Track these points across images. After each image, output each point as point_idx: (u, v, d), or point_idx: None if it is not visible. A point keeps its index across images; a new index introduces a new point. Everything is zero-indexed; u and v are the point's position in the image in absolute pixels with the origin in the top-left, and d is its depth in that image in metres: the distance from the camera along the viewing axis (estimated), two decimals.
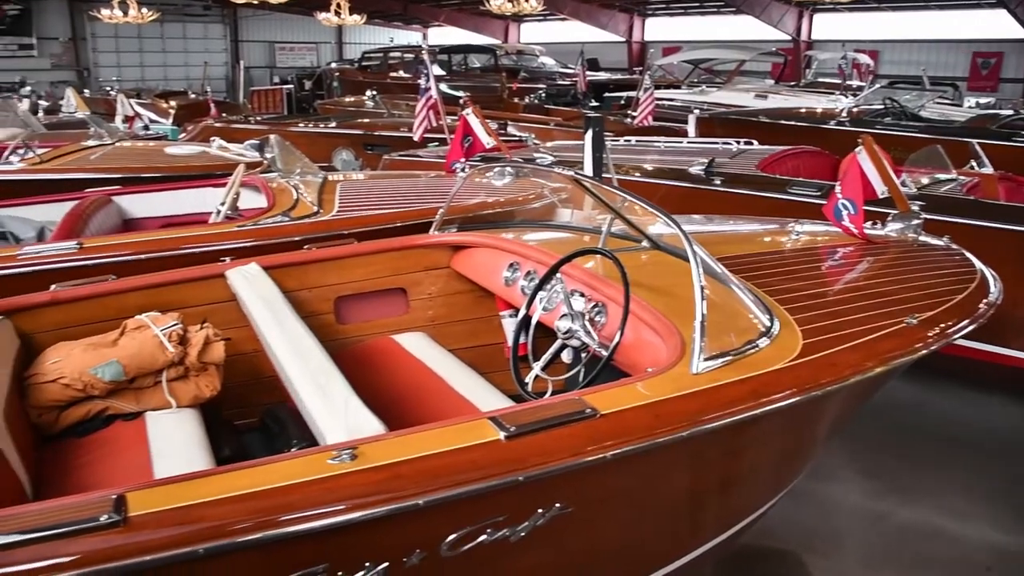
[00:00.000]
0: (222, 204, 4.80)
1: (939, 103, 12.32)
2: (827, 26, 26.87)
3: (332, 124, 11.36)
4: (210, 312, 3.37)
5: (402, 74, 22.08)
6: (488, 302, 4.00)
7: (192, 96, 18.42)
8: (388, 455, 1.86)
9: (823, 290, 3.22)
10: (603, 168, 4.59)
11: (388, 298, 3.93)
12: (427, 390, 3.30)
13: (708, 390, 2.26)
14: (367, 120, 11.72)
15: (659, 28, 31.10)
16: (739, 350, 2.44)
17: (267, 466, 1.82)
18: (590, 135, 4.45)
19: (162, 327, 2.98)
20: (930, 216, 4.39)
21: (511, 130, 9.61)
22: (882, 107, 10.69)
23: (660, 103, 12.15)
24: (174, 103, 15.67)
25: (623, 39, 30.95)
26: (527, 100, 17.35)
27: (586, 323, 2.85)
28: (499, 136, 6.70)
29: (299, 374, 2.53)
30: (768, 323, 2.62)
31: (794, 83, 18.06)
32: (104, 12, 24.72)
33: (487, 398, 3.13)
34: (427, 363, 3.51)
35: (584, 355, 2.88)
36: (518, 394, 2.99)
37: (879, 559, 3.74)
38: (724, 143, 7.86)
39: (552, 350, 2.93)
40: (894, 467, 4.45)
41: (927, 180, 5.91)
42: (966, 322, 3.01)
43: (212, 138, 7.81)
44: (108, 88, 20.43)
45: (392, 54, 25.05)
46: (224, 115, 12.70)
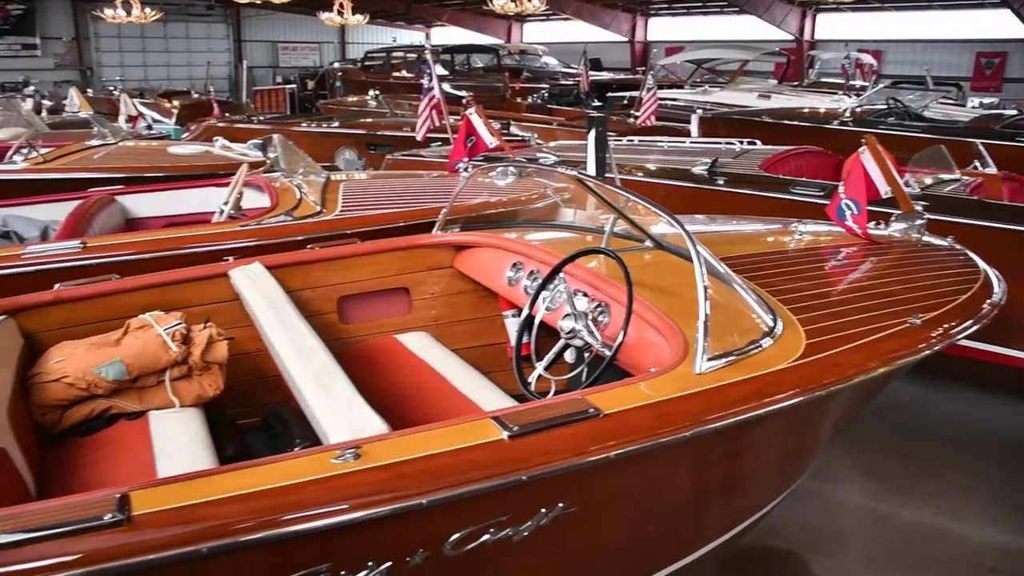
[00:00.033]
0: (225, 204, 4.81)
1: (943, 103, 12.29)
2: (830, 26, 26.83)
3: (335, 124, 11.37)
4: (213, 311, 3.37)
5: (405, 74, 22.08)
6: (491, 302, 4.00)
7: (195, 96, 18.46)
8: (391, 455, 1.86)
9: (826, 290, 3.22)
10: (606, 168, 4.58)
11: (391, 298, 3.93)
12: (430, 390, 3.30)
13: (711, 390, 2.26)
14: (370, 120, 11.74)
15: (662, 28, 31.08)
16: (742, 350, 2.44)
17: (270, 465, 1.82)
18: (593, 135, 4.44)
19: (165, 326, 2.98)
20: (934, 216, 4.38)
21: (514, 130, 9.59)
22: (885, 107, 10.65)
23: (663, 103, 12.13)
24: (177, 103, 15.69)
25: (626, 39, 30.95)
26: (530, 100, 17.34)
27: (589, 323, 2.85)
28: (502, 136, 6.69)
29: (302, 373, 2.53)
30: (771, 323, 2.61)
31: (797, 83, 18.05)
32: (107, 12, 24.76)
33: (490, 398, 3.13)
34: (430, 363, 3.51)
35: (587, 355, 2.88)
36: (521, 394, 2.99)
37: (882, 559, 3.73)
38: (727, 143, 7.85)
39: (555, 350, 2.93)
40: (897, 467, 4.44)
41: (930, 180, 5.89)
42: (970, 322, 3.00)
43: (215, 138, 7.83)
44: (111, 88, 20.43)
45: (395, 54, 25.07)
46: (227, 115, 12.72)
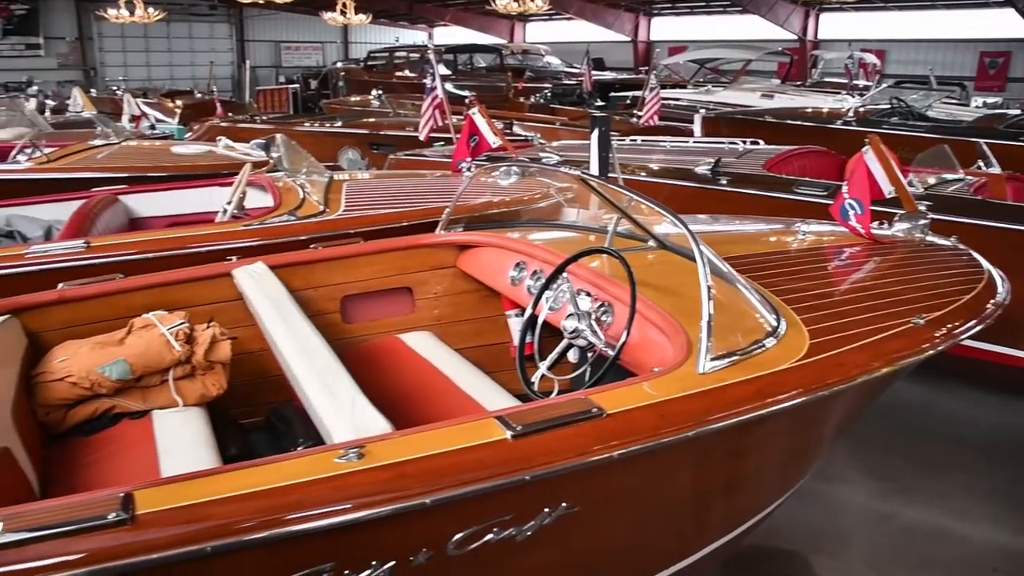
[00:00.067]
0: (228, 203, 4.81)
1: (946, 103, 12.28)
2: (833, 26, 26.77)
3: (338, 123, 11.38)
4: (216, 311, 3.38)
5: (408, 73, 22.10)
6: (494, 301, 4.00)
7: (198, 95, 18.46)
8: (395, 454, 1.86)
9: (830, 290, 3.22)
10: (609, 168, 4.58)
11: (394, 297, 3.93)
12: (433, 389, 3.30)
13: (714, 390, 2.26)
14: (373, 120, 11.76)
15: (665, 28, 31.04)
16: (746, 350, 2.43)
17: (274, 465, 1.82)
18: (596, 134, 4.44)
19: (169, 326, 2.99)
20: (937, 216, 4.38)
21: (517, 129, 9.59)
22: (889, 107, 10.65)
23: (666, 103, 12.13)
24: (180, 102, 15.69)
25: (629, 39, 30.91)
26: (533, 100, 17.35)
27: (592, 322, 2.85)
28: (505, 135, 6.69)
29: (305, 373, 2.53)
30: (775, 323, 2.61)
31: (800, 83, 18.05)
32: (111, 12, 24.75)
33: (493, 397, 3.13)
34: (433, 362, 3.51)
35: (590, 355, 2.88)
36: (524, 393, 2.98)
37: (885, 559, 3.73)
38: (730, 143, 7.84)
39: (558, 349, 2.92)
40: (900, 467, 4.44)
41: (934, 180, 5.88)
42: (973, 322, 3.00)
43: (218, 137, 7.83)
44: (114, 88, 20.49)
45: (398, 53, 25.05)
46: (230, 114, 12.73)
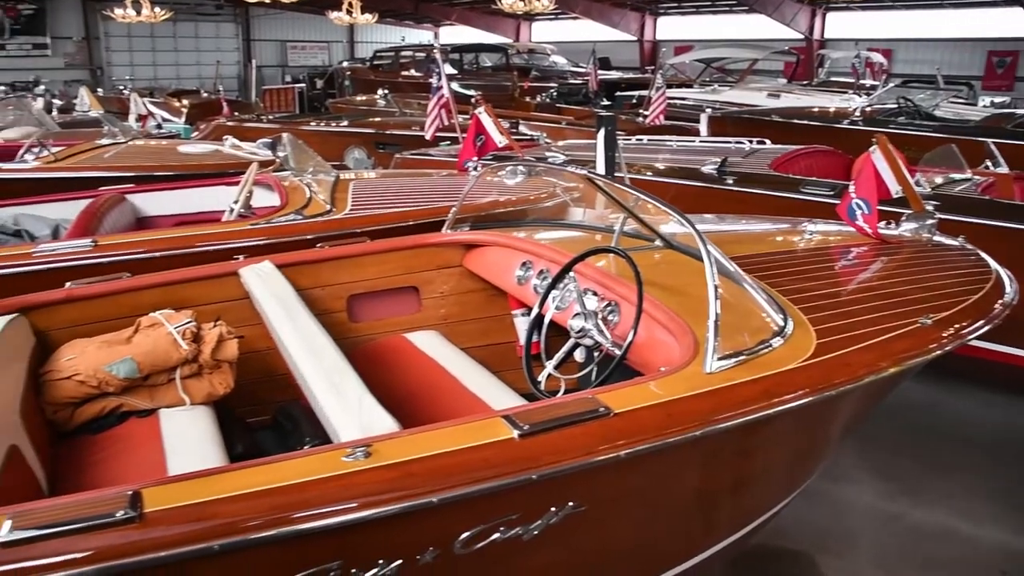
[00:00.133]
0: (235, 202, 4.82)
1: (953, 102, 12.24)
2: (840, 25, 26.71)
3: (344, 123, 11.40)
4: (223, 310, 3.39)
5: (414, 73, 22.08)
6: (500, 301, 4.00)
7: (204, 95, 18.50)
8: (402, 453, 1.86)
9: (837, 290, 3.21)
10: (615, 167, 4.58)
11: (400, 296, 3.93)
12: (440, 388, 3.30)
13: (721, 390, 2.25)
14: (379, 119, 11.76)
15: (671, 27, 31.02)
16: (752, 350, 2.43)
17: (281, 463, 1.83)
18: (602, 134, 4.44)
19: (176, 325, 3.00)
20: (945, 216, 4.36)
21: (523, 129, 9.57)
22: (896, 106, 10.61)
23: (672, 102, 12.12)
24: (187, 102, 15.73)
25: (635, 38, 30.89)
26: (539, 99, 17.36)
27: (599, 322, 2.85)
28: (511, 135, 6.69)
29: (312, 372, 2.54)
30: (781, 323, 2.61)
31: (807, 82, 17.96)
32: (117, 11, 24.86)
33: (500, 397, 3.13)
34: (440, 361, 3.51)
35: (597, 354, 2.87)
36: (531, 393, 2.99)
37: (892, 560, 3.72)
38: (736, 142, 7.83)
39: (565, 349, 2.92)
40: (908, 468, 4.42)
41: (941, 180, 5.87)
42: (981, 323, 2.99)
43: (225, 137, 7.85)
44: (121, 87, 20.56)
45: (404, 53, 25.05)
46: (236, 114, 12.73)
